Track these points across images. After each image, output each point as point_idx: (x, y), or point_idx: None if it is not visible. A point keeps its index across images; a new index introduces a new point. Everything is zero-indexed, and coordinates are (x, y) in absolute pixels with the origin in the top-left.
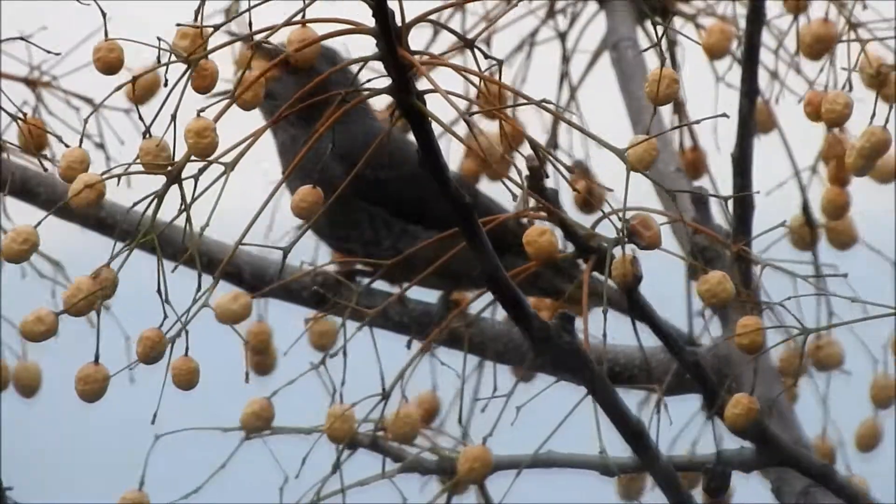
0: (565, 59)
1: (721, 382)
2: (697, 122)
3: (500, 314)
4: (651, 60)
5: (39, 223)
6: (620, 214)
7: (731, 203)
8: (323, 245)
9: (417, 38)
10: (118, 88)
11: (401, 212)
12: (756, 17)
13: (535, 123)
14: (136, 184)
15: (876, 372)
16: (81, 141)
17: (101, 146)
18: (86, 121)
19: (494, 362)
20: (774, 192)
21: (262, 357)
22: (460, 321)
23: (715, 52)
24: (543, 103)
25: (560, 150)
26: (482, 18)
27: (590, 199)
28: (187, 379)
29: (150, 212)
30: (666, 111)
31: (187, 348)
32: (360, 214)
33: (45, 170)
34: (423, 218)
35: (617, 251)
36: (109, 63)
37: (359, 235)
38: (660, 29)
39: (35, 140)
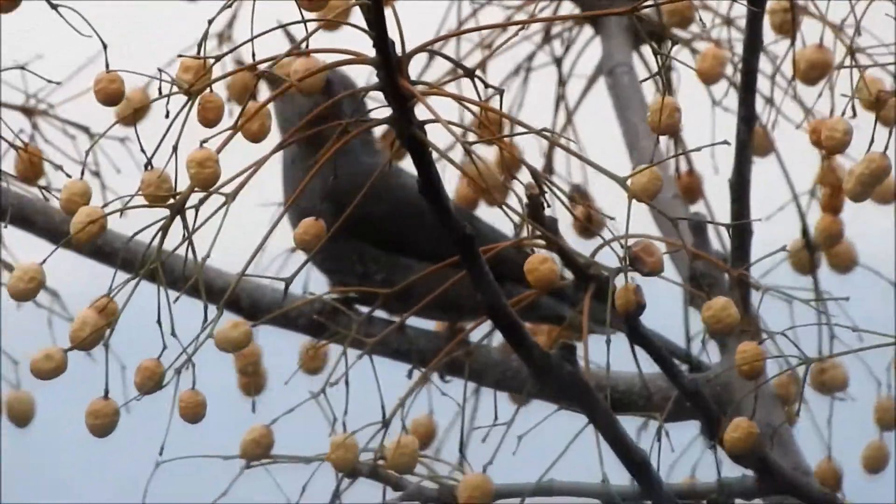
0: (561, 84)
1: (721, 409)
2: (698, 149)
3: (498, 340)
4: (647, 86)
5: (45, 260)
6: (622, 242)
7: (729, 229)
8: (318, 274)
9: (412, 65)
10: (118, 122)
11: (388, 245)
12: (753, 42)
13: (532, 149)
14: (132, 212)
15: (879, 395)
16: (83, 172)
17: (96, 174)
18: (87, 152)
19: (494, 389)
20: (771, 217)
21: (252, 378)
22: (460, 349)
23: (709, 78)
24: (544, 132)
25: (557, 176)
26: (478, 45)
27: (589, 225)
28: (194, 412)
29: (154, 242)
30: (663, 136)
31: (194, 380)
32: (349, 250)
33: (46, 199)
34: (410, 250)
35: (619, 279)
36: (111, 94)
37: (350, 269)
38: (658, 55)
39: (32, 169)
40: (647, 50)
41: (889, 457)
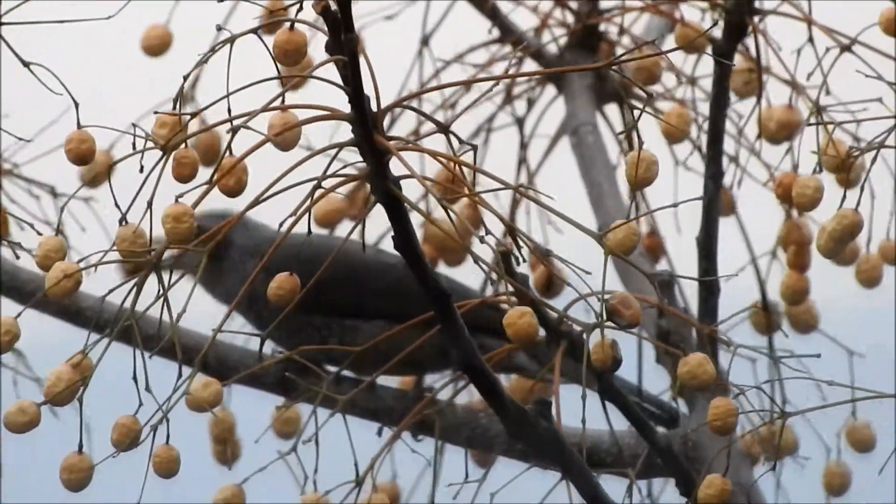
0: (523, 146)
1: (692, 466)
2: (675, 205)
3: (466, 398)
4: (611, 145)
5: (20, 314)
6: (599, 297)
7: (696, 287)
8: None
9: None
10: (86, 183)
11: (333, 311)
12: (720, 100)
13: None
14: (99, 273)
15: (829, 459)
16: (57, 230)
17: (60, 233)
18: (61, 210)
19: (464, 447)
20: (731, 278)
21: (226, 447)
22: (430, 408)
23: (674, 137)
24: (520, 187)
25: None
26: (441, 105)
27: (551, 282)
28: (168, 467)
29: (128, 299)
30: (625, 195)
31: (168, 436)
32: (302, 323)
33: (17, 256)
34: (353, 313)
35: (594, 335)
36: (81, 154)
37: (307, 340)
38: (633, 110)
39: None
40: (611, 110)
41: None
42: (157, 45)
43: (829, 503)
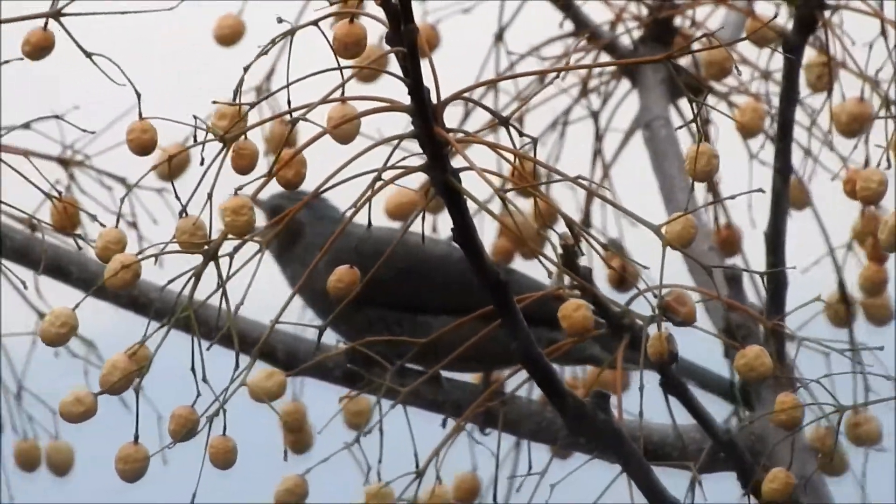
0: (598, 138)
1: (755, 460)
2: (732, 197)
3: (535, 392)
4: (684, 139)
5: (78, 305)
6: (655, 291)
7: (764, 280)
8: None
9: (449, 116)
10: (153, 168)
11: (404, 306)
12: (790, 94)
13: (568, 202)
14: (168, 264)
15: None
16: (118, 221)
17: (133, 225)
18: (122, 200)
19: (529, 440)
20: (807, 270)
21: (297, 436)
22: (495, 400)
23: (749, 131)
24: (579, 180)
25: (593, 229)
26: (514, 98)
27: (624, 277)
28: (225, 458)
29: (186, 289)
30: (700, 189)
31: (225, 427)
32: (370, 319)
33: (80, 248)
34: (424, 308)
35: (652, 328)
36: (143, 144)
37: (378, 335)
38: (694, 102)
39: (68, 219)
40: (684, 104)
41: None
42: (230, 35)
43: None
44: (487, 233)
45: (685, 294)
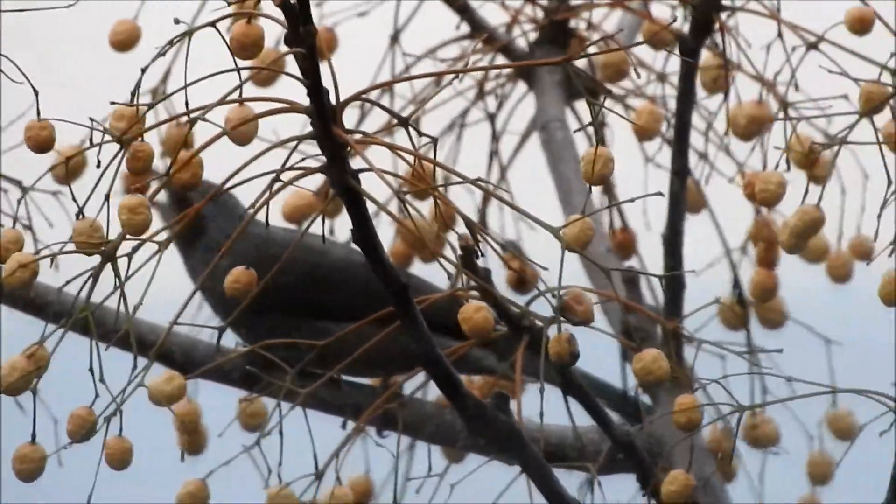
0: (495, 140)
1: (654, 462)
2: (632, 200)
3: (433, 395)
4: (581, 141)
5: None
6: (555, 293)
7: (662, 282)
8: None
9: (345, 118)
10: (49, 170)
11: (305, 311)
12: (687, 96)
13: (465, 203)
14: (64, 267)
15: (812, 449)
16: (15, 222)
17: (29, 228)
18: (19, 202)
19: (427, 443)
20: (704, 273)
21: (192, 437)
22: (394, 402)
23: (645, 134)
24: (478, 181)
25: (490, 230)
26: (411, 101)
27: (523, 279)
28: (121, 458)
29: (84, 290)
30: (596, 192)
31: (121, 428)
32: (269, 324)
33: None
34: (324, 313)
35: (552, 330)
36: (41, 142)
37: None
38: (592, 105)
39: None
40: (580, 106)
41: None
42: (125, 41)
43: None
44: (385, 235)
45: (582, 293)
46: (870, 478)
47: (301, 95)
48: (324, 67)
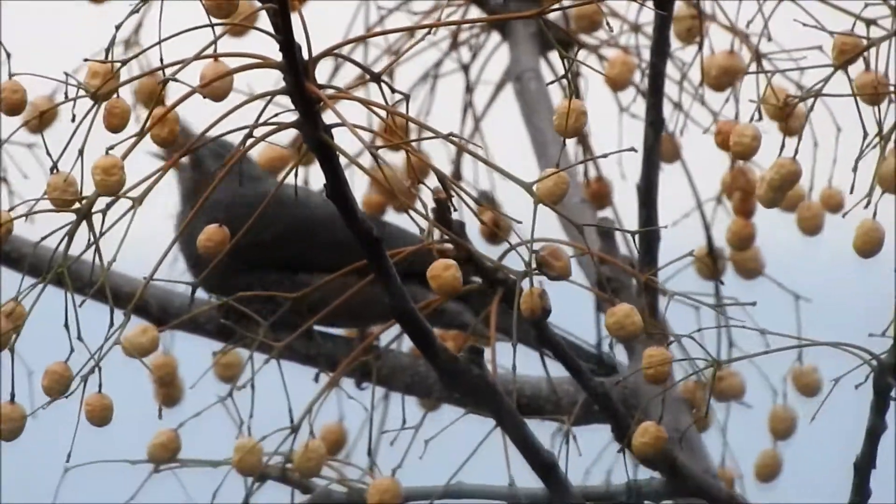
0: (469, 91)
1: (629, 413)
2: (605, 155)
3: (406, 346)
4: (555, 92)
5: None
6: (529, 246)
7: (634, 238)
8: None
9: (319, 72)
10: (24, 124)
11: (284, 266)
12: (661, 47)
13: (440, 156)
14: (39, 217)
15: (775, 403)
16: None
17: (3, 180)
18: None
19: (402, 394)
20: (679, 222)
21: (168, 389)
22: (369, 354)
23: (618, 84)
24: (451, 136)
25: (465, 183)
26: (385, 51)
27: (497, 231)
28: (101, 415)
29: (61, 247)
30: (571, 142)
31: (101, 384)
32: (250, 279)
33: None
34: (307, 268)
35: (525, 283)
36: (13, 104)
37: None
38: (565, 58)
39: None
40: (554, 56)
41: (781, 466)
42: None
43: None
44: (358, 188)
45: (560, 249)
46: (840, 433)
47: (275, 51)
48: (297, 21)
